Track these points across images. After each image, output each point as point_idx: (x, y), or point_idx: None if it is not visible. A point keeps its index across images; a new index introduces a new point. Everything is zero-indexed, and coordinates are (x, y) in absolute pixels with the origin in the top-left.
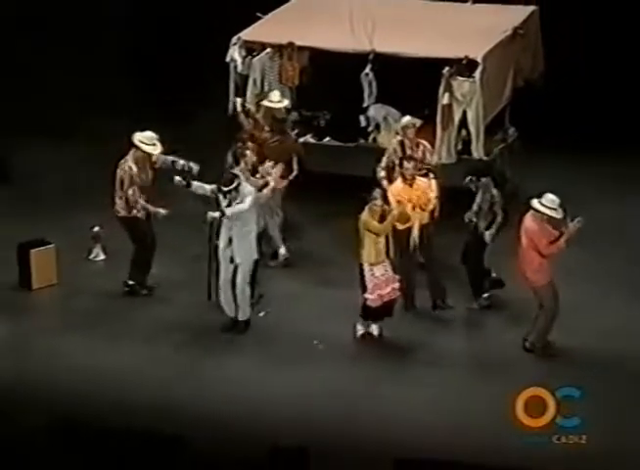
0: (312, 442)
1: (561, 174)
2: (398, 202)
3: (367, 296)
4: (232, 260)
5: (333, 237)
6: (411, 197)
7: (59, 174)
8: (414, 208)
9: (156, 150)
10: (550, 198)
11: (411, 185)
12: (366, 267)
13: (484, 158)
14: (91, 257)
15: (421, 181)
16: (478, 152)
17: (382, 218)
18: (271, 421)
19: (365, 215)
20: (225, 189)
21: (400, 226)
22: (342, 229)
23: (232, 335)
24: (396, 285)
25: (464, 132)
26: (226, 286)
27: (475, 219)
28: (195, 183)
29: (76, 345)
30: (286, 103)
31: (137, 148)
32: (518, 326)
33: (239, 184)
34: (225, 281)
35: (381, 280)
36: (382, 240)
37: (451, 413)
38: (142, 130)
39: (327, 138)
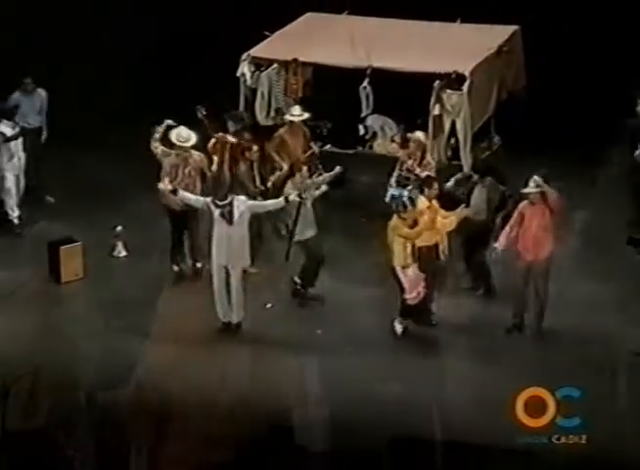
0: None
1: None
2: (428, 208)
3: (407, 296)
4: (224, 263)
5: (334, 235)
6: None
7: (84, 178)
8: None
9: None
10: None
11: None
12: (399, 270)
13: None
14: (114, 253)
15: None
16: (465, 158)
17: (412, 225)
18: (275, 403)
19: (395, 221)
20: (220, 203)
21: (423, 242)
22: (343, 228)
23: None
24: (423, 283)
25: (452, 140)
26: (220, 291)
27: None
28: (181, 192)
29: (99, 332)
30: (306, 116)
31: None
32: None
33: (233, 199)
34: (219, 286)
35: (413, 279)
36: (410, 244)
37: (450, 411)
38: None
39: (328, 145)
